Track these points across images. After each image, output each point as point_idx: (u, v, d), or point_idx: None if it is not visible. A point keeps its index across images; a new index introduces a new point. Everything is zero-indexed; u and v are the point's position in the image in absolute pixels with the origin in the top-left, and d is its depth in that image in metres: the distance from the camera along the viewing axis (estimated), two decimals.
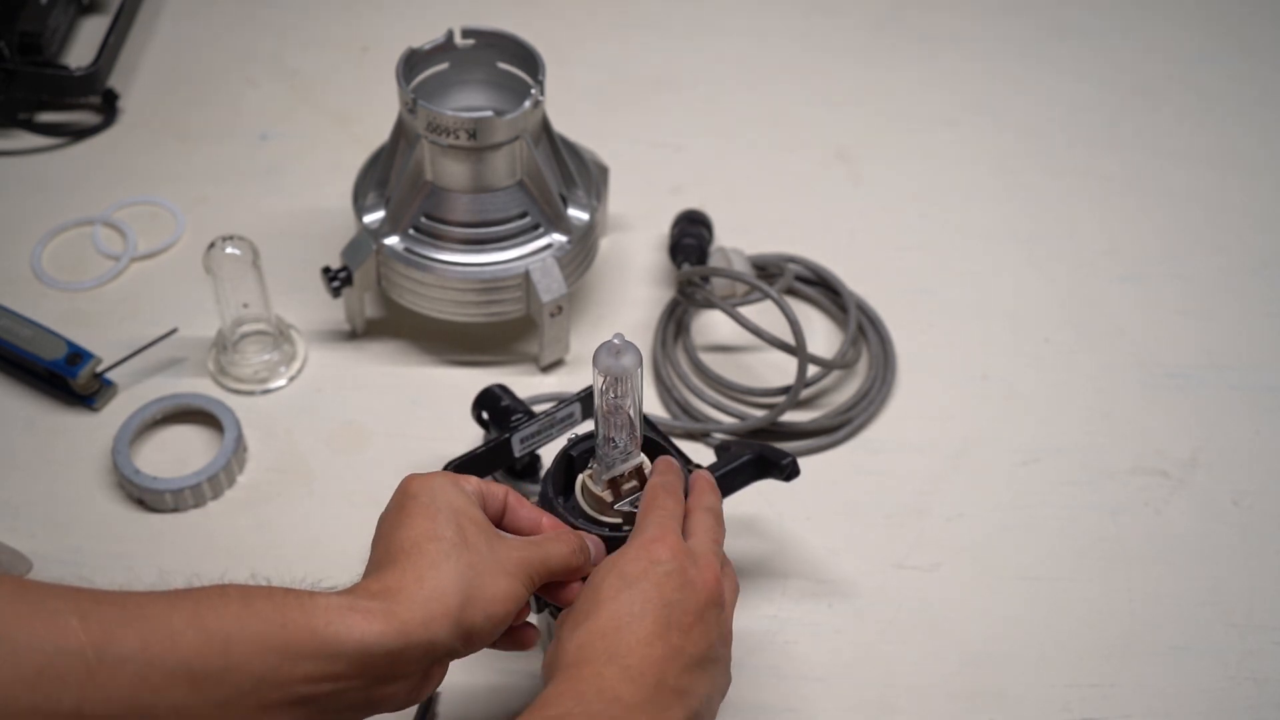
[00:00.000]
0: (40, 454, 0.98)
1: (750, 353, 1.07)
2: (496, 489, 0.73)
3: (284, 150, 1.22)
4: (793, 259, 1.12)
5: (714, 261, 1.08)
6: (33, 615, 0.56)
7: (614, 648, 0.67)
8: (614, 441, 0.74)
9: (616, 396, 0.72)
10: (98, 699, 0.56)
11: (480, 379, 0.96)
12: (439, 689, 0.70)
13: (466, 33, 1.00)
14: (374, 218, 1.01)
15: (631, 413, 0.73)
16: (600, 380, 0.72)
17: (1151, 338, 1.10)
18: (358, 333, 1.07)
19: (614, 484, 0.76)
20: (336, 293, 1.02)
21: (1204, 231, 1.19)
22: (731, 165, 1.24)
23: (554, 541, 0.72)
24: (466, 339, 1.06)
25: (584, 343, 1.06)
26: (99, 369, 1.00)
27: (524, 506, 0.74)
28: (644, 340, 1.07)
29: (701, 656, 0.69)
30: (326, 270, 1.02)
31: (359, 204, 1.02)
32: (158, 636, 0.58)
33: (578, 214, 1.02)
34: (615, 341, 0.71)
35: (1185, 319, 1.12)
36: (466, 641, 0.66)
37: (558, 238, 1.00)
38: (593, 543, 0.75)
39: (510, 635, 0.72)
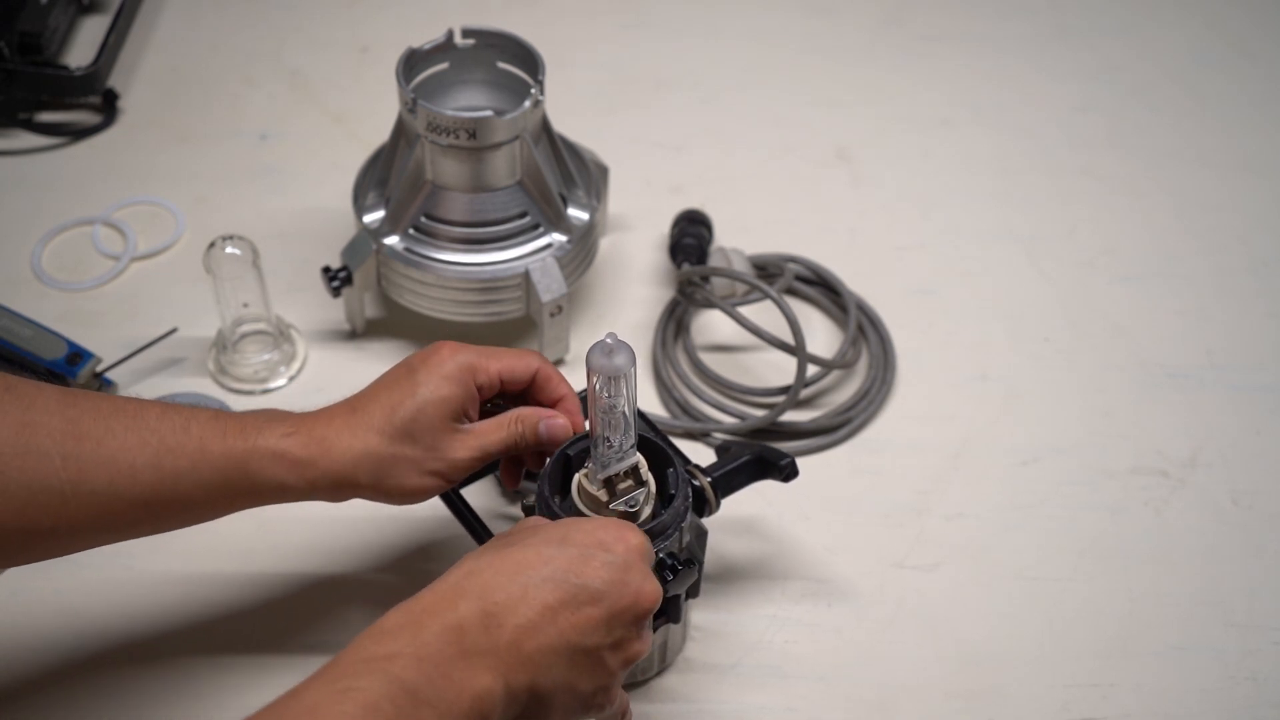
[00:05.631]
0: None
1: (750, 353, 1.07)
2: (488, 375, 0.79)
3: (284, 150, 1.22)
4: (793, 259, 1.12)
5: (714, 261, 1.08)
6: (25, 454, 0.68)
7: (492, 589, 0.65)
8: (609, 441, 0.74)
9: (610, 396, 0.72)
10: (70, 521, 0.70)
11: None
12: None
13: (466, 33, 1.00)
14: (374, 218, 1.01)
15: (626, 412, 0.73)
16: (594, 380, 0.72)
17: (1151, 338, 1.10)
18: (358, 333, 1.07)
19: (609, 484, 0.76)
20: (336, 293, 1.02)
21: (1204, 231, 1.19)
22: (731, 165, 1.24)
23: (493, 432, 0.78)
24: (466, 339, 1.05)
25: (584, 343, 1.06)
26: (99, 369, 1.00)
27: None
28: (644, 340, 1.07)
29: (578, 648, 0.66)
30: (326, 270, 1.02)
31: (359, 204, 1.02)
32: (122, 476, 0.71)
33: (578, 214, 1.02)
34: (608, 341, 0.71)
35: (1185, 319, 1.12)
36: (383, 498, 0.77)
37: (558, 237, 1.00)
38: (547, 420, 0.79)
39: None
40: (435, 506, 0.88)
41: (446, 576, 0.67)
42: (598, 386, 0.72)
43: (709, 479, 0.82)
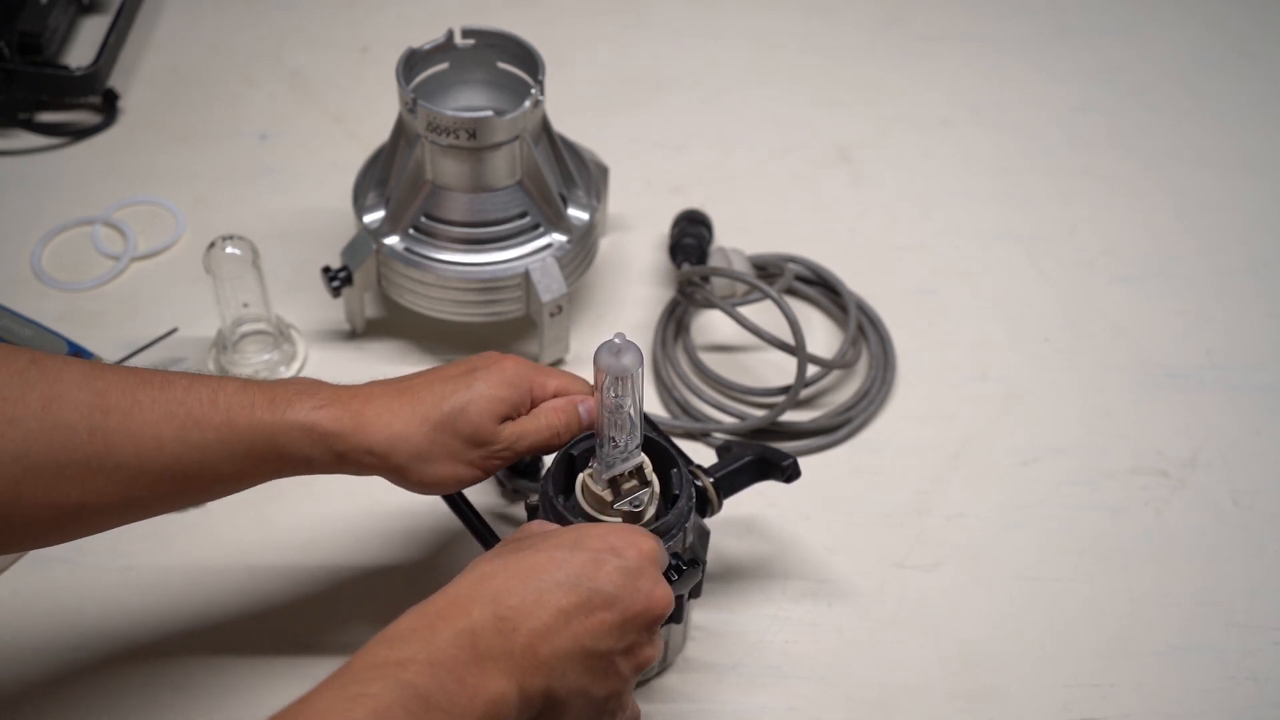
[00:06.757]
0: None
1: (750, 353, 1.07)
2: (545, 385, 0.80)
3: (284, 150, 1.22)
4: (793, 259, 1.12)
5: (714, 261, 1.08)
6: (52, 429, 0.68)
7: (505, 593, 0.65)
8: (614, 441, 0.74)
9: (617, 396, 0.72)
10: (98, 496, 0.70)
11: None
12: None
13: (466, 33, 1.00)
14: (374, 218, 1.01)
15: (632, 412, 0.73)
16: (601, 380, 0.72)
17: (1151, 338, 1.10)
18: (358, 333, 1.07)
19: (614, 483, 0.76)
20: (336, 293, 1.02)
21: (1204, 231, 1.19)
22: (731, 165, 1.24)
23: (531, 428, 0.78)
24: (466, 339, 1.06)
25: (584, 342, 1.06)
26: None
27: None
28: (644, 340, 1.07)
29: (591, 652, 0.66)
30: (326, 270, 1.02)
31: (359, 204, 1.02)
32: (149, 448, 0.70)
33: (578, 214, 1.02)
34: (616, 341, 0.71)
35: (1185, 319, 1.12)
36: (410, 483, 0.77)
37: (558, 237, 1.00)
38: (582, 404, 0.80)
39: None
40: (438, 507, 0.88)
41: (458, 581, 0.67)
42: (605, 386, 0.72)
43: (711, 479, 0.82)
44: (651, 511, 0.77)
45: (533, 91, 0.95)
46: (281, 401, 0.73)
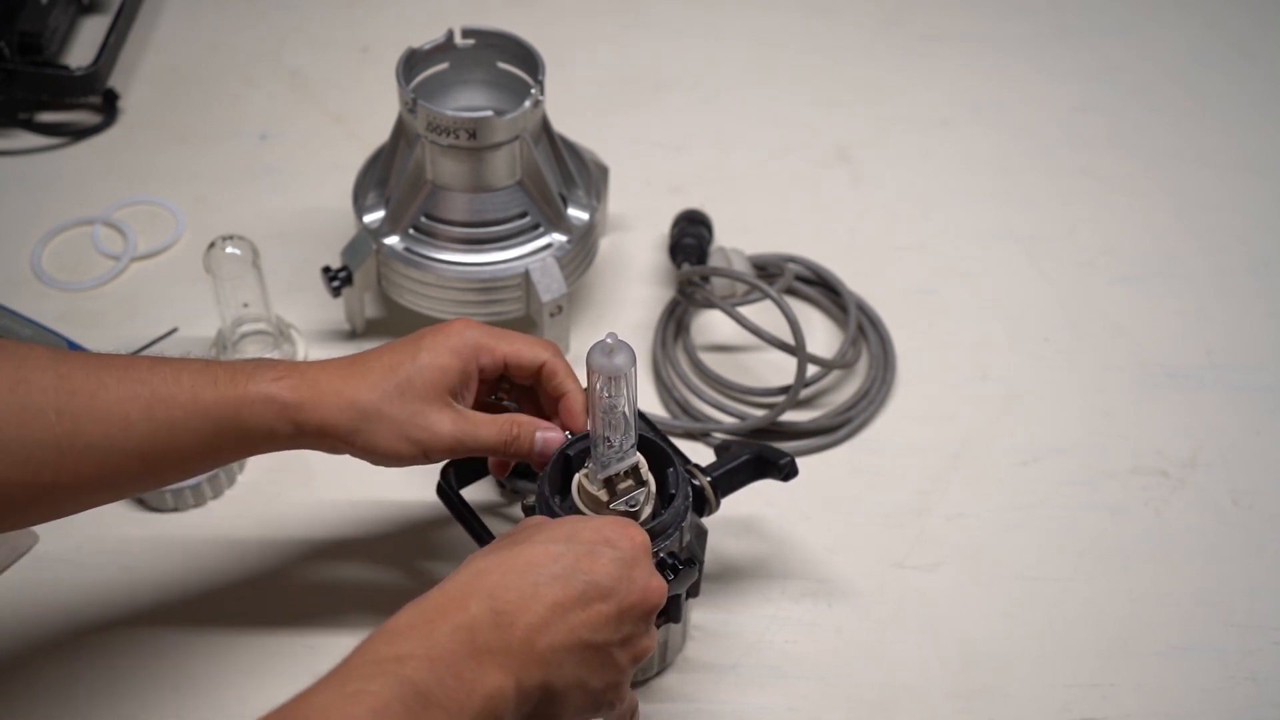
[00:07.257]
0: None
1: (750, 353, 1.07)
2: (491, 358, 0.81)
3: (284, 150, 1.22)
4: (793, 259, 1.12)
5: (714, 261, 1.08)
6: (20, 411, 0.69)
7: (502, 588, 0.65)
8: (609, 441, 0.74)
9: (610, 396, 0.72)
10: (70, 477, 0.71)
11: None
12: None
13: (466, 33, 1.00)
14: (374, 217, 1.01)
15: (626, 412, 0.73)
16: (594, 380, 0.72)
17: (1151, 338, 1.10)
18: (358, 333, 1.07)
19: (609, 483, 0.76)
20: (336, 293, 1.02)
21: (1204, 231, 1.19)
22: (731, 165, 1.24)
23: (486, 424, 0.78)
24: None
25: (584, 343, 1.06)
26: None
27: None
28: (644, 340, 1.07)
29: (588, 644, 0.66)
30: (326, 270, 1.02)
31: (359, 204, 1.02)
32: (117, 428, 0.71)
33: (578, 214, 1.02)
34: (608, 341, 0.71)
35: (1185, 319, 1.12)
36: (366, 453, 0.77)
37: (558, 237, 1.00)
38: (544, 431, 0.79)
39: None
40: (436, 506, 0.88)
41: (455, 576, 0.67)
42: (598, 386, 0.72)
43: (709, 478, 0.82)
44: (648, 511, 0.77)
45: (533, 91, 0.95)
46: (243, 375, 0.74)
